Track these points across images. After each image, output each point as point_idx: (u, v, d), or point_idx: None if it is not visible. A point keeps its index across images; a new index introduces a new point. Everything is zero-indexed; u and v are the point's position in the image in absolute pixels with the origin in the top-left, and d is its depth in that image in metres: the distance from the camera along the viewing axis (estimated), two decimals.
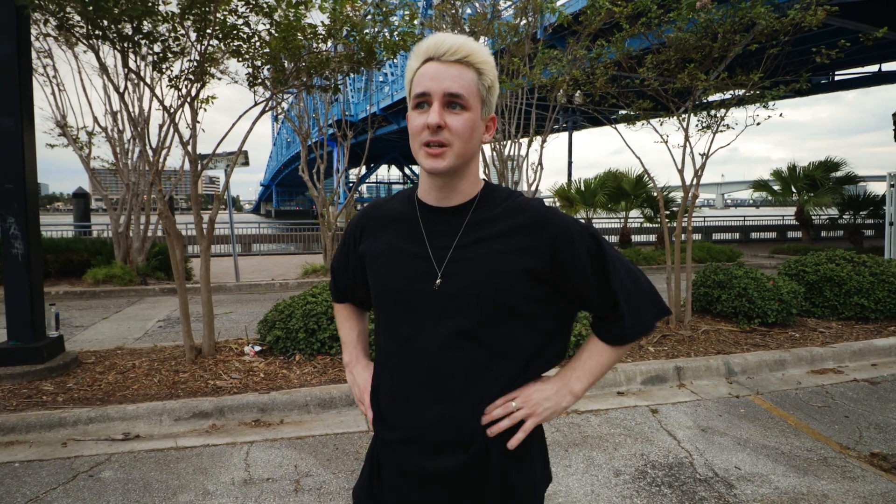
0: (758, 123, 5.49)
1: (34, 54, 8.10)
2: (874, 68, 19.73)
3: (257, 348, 4.60)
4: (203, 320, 4.56)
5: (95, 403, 3.62)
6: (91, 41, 3.96)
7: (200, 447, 3.23)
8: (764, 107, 5.50)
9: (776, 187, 16.12)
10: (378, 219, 1.17)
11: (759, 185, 16.95)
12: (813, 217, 16.13)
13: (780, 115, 5.69)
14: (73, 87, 34.71)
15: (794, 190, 15.70)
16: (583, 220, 1.09)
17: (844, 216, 16.37)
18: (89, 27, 3.81)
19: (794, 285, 5.64)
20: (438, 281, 1.04)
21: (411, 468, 1.10)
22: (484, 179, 1.13)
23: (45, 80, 8.72)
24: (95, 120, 9.02)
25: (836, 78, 21.06)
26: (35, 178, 4.27)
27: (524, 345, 1.07)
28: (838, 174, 15.14)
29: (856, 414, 3.69)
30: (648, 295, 1.10)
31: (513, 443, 1.06)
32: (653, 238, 16.71)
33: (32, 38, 7.29)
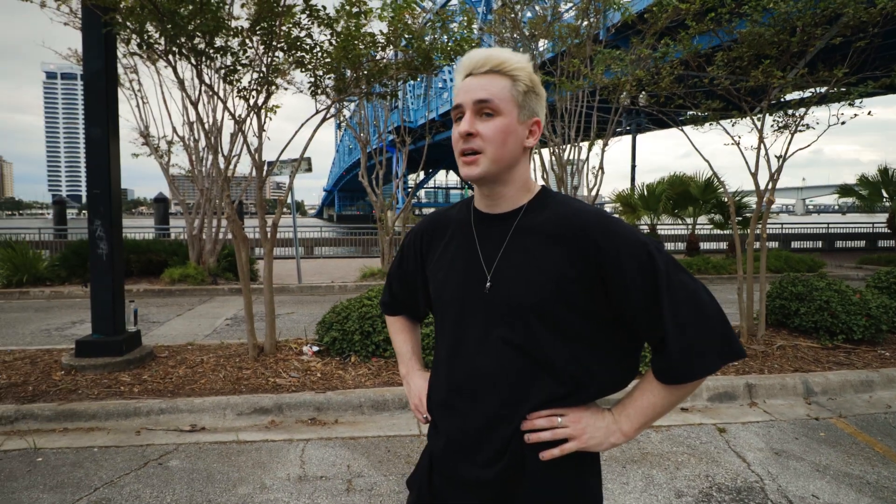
0: (842, 123, 5.06)
1: (121, 70, 8.81)
2: None
3: (315, 348, 4.73)
4: (266, 320, 4.75)
5: (166, 395, 3.85)
6: (168, 57, 4.23)
7: (260, 442, 3.35)
8: (850, 104, 5.07)
9: (864, 192, 14.82)
10: (439, 226, 1.21)
11: (844, 189, 15.65)
12: None
13: (869, 113, 5.22)
14: (155, 100, 37.61)
15: (885, 195, 14.38)
16: (646, 233, 1.01)
17: None
18: (167, 44, 4.08)
19: (884, 299, 5.14)
20: (488, 285, 1.05)
21: (453, 475, 1.10)
22: (542, 185, 1.12)
23: (131, 94, 9.46)
24: (174, 130, 9.69)
25: None
26: (119, 184, 4.60)
27: (571, 362, 1.01)
28: None
29: None
30: (715, 331, 0.95)
31: (545, 455, 1.01)
32: (723, 246, 15.80)
33: (120, 56, 7.93)
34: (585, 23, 6.90)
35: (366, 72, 4.60)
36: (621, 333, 1.04)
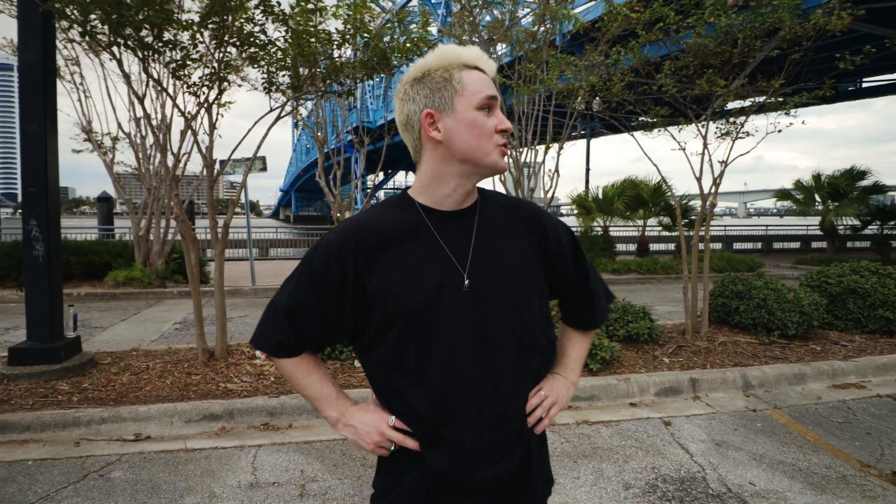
0: (779, 131, 5.37)
1: (61, 61, 8.34)
2: None
3: None
4: (216, 323, 4.61)
5: (109, 404, 3.68)
6: (113, 49, 4.05)
7: (209, 449, 3.25)
8: (786, 114, 5.39)
9: (800, 197, 15.76)
10: (379, 234, 1.06)
11: (782, 194, 16.59)
12: (838, 227, 15.72)
13: (803, 122, 5.57)
14: (99, 94, 35.80)
15: (817, 199, 15.33)
16: (600, 234, 1.17)
17: (871, 226, 15.91)
18: (112, 35, 3.90)
19: (815, 297, 5.49)
20: (466, 282, 1.04)
21: (467, 483, 1.06)
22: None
23: (72, 87, 8.96)
24: (119, 126, 9.24)
25: (864, 85, 20.56)
26: (57, 182, 4.36)
27: (543, 338, 1.14)
28: (864, 183, 14.73)
29: (878, 430, 3.56)
30: (603, 284, 1.29)
31: (539, 428, 1.14)
32: (671, 247, 16.44)
33: (60, 46, 7.50)
34: (542, 28, 7.03)
35: (322, 70, 4.54)
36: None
